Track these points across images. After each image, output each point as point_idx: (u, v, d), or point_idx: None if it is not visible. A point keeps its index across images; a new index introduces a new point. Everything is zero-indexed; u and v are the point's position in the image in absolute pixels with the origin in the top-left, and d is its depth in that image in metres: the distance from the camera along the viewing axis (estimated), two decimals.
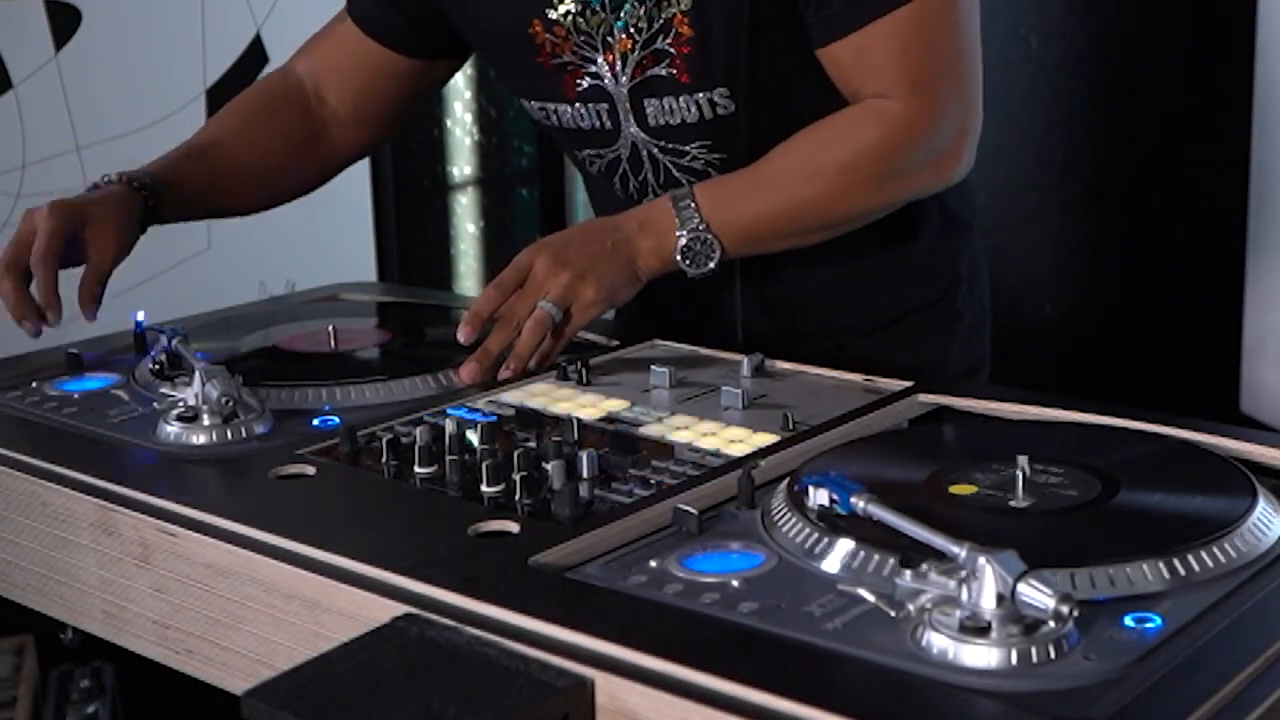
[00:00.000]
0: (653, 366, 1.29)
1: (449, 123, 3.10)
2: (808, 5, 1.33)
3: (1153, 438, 1.11)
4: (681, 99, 1.40)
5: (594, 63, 1.41)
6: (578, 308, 1.32)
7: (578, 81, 1.43)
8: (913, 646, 0.79)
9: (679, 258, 1.35)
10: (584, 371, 1.28)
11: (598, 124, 1.45)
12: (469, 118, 3.13)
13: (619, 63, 1.40)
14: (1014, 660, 0.76)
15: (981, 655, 0.76)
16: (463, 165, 3.14)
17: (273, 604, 0.94)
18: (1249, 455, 1.08)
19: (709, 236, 1.35)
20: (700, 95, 1.39)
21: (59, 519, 1.09)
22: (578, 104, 1.44)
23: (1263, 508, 0.93)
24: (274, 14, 2.63)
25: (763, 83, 1.38)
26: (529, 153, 3.24)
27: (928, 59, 1.34)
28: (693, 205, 1.35)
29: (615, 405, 1.22)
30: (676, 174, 1.45)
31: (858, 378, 1.30)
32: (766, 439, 1.13)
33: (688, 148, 1.43)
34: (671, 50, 1.37)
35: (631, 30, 1.38)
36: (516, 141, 3.23)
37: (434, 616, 0.85)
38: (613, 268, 1.34)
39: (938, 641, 0.78)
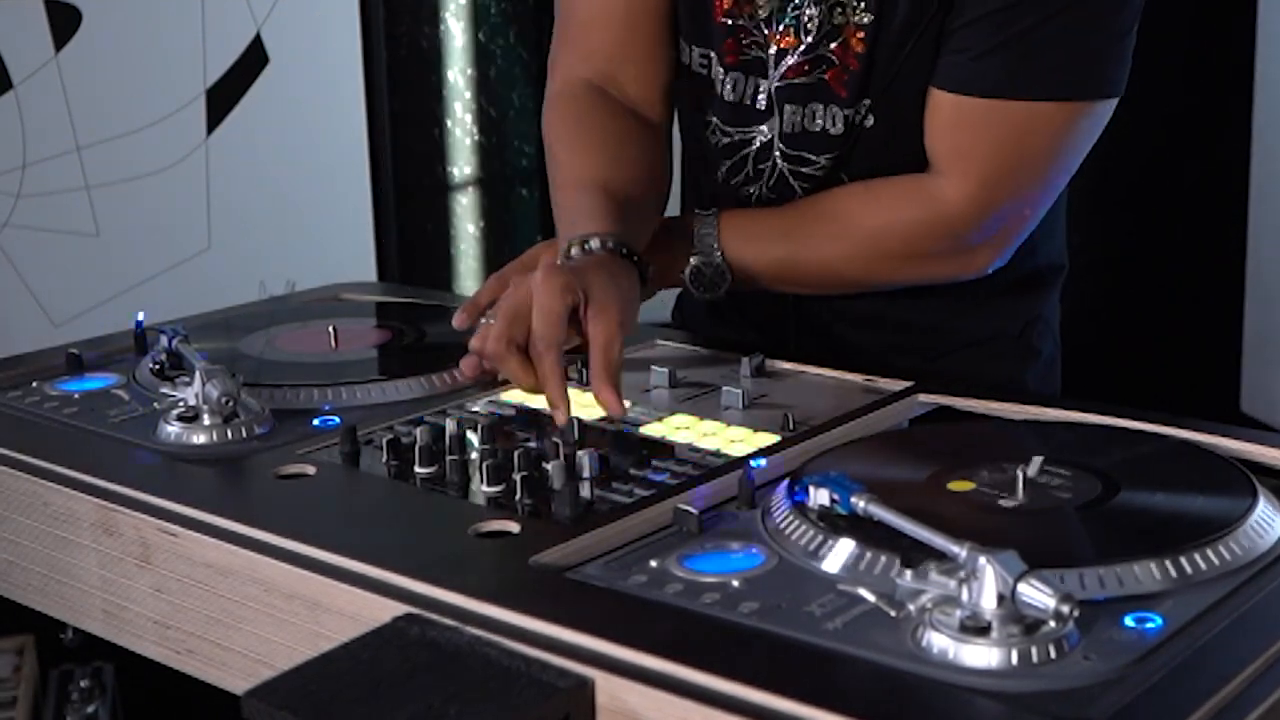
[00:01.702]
0: (653, 366, 1.29)
1: (449, 123, 3.10)
2: (949, 41, 1.28)
3: (1153, 438, 1.11)
4: (830, 109, 1.35)
5: (762, 36, 1.36)
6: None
7: (743, 48, 1.38)
8: (913, 646, 0.79)
9: (687, 280, 1.35)
10: (584, 371, 1.28)
11: (744, 98, 1.40)
12: (469, 118, 3.14)
13: (772, 56, 1.36)
14: (1014, 660, 0.76)
15: (982, 655, 0.76)
16: (463, 165, 3.14)
17: (273, 604, 0.94)
18: (1249, 455, 1.08)
19: (722, 267, 1.34)
20: (850, 110, 1.35)
21: (59, 519, 1.09)
22: (734, 72, 1.39)
23: (1263, 508, 0.93)
24: (274, 14, 2.63)
25: (902, 102, 1.33)
26: (529, 153, 3.24)
27: (1013, 162, 1.29)
28: (714, 233, 1.34)
29: None
30: (792, 181, 1.41)
31: (858, 378, 1.29)
32: (766, 439, 1.13)
33: (818, 158, 1.39)
34: (835, 60, 1.33)
35: (801, 28, 1.34)
36: (516, 141, 3.23)
37: (434, 616, 0.85)
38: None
39: (938, 641, 0.78)
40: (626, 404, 1.22)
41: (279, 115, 2.66)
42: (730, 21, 1.38)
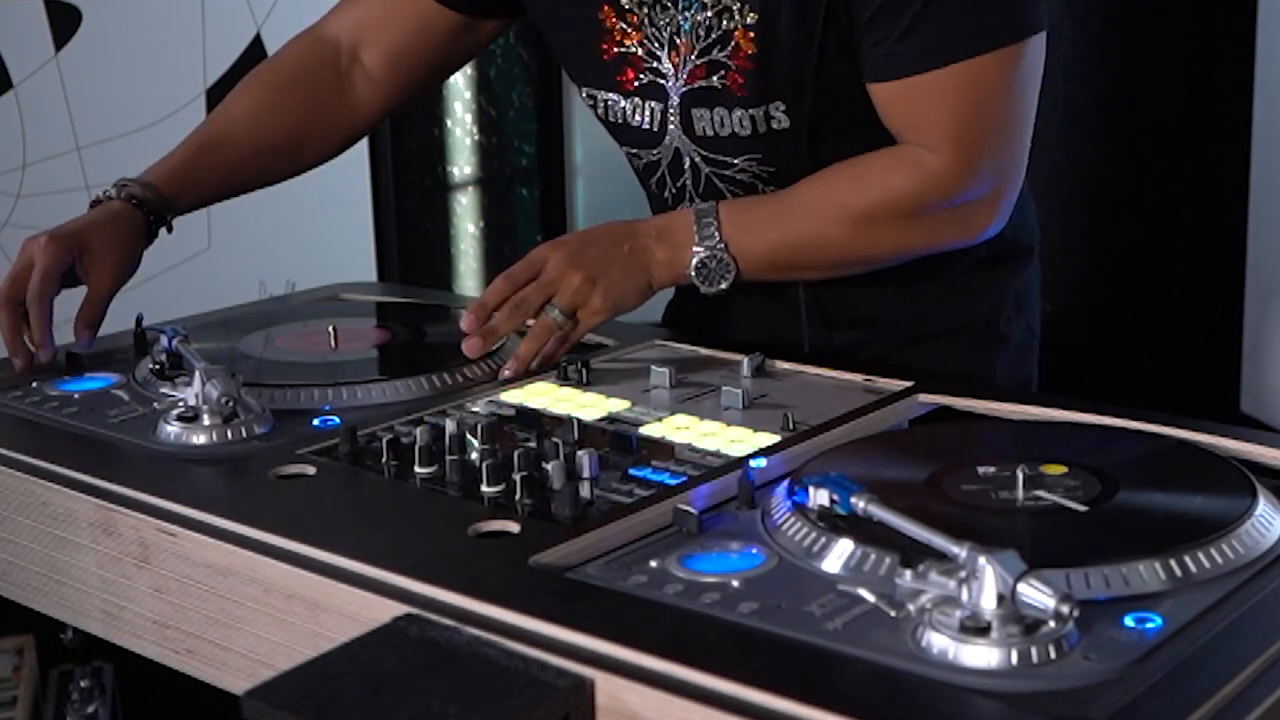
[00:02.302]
0: (653, 366, 1.29)
1: (449, 123, 3.10)
2: (866, 36, 1.30)
3: (1153, 438, 1.11)
4: (735, 112, 1.37)
5: (659, 59, 1.38)
6: (585, 314, 1.31)
7: (638, 75, 1.40)
8: (913, 646, 0.79)
9: (693, 274, 1.35)
10: (584, 371, 1.28)
11: (645, 122, 1.42)
12: (469, 118, 3.13)
13: (680, 65, 1.37)
14: (1014, 660, 0.76)
15: (982, 655, 0.76)
16: (463, 165, 3.14)
17: (273, 604, 0.94)
18: (1249, 455, 1.08)
19: (726, 257, 1.34)
20: (755, 110, 1.36)
21: (59, 519, 1.09)
22: (633, 98, 1.42)
23: (1263, 508, 0.93)
24: (274, 14, 2.63)
25: (823, 100, 1.35)
26: (529, 153, 3.24)
27: (975, 119, 1.31)
28: (715, 223, 1.34)
29: (615, 405, 1.22)
30: (718, 184, 1.43)
31: (858, 378, 1.29)
32: (766, 439, 1.13)
33: (735, 160, 1.40)
34: (729, 63, 1.35)
35: (691, 36, 1.36)
36: (516, 141, 3.23)
37: (434, 616, 0.85)
38: (625, 275, 1.33)
39: (938, 641, 0.78)
40: (626, 403, 1.22)
41: None
42: (624, 51, 1.40)
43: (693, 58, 1.36)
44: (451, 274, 3.19)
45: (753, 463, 1.06)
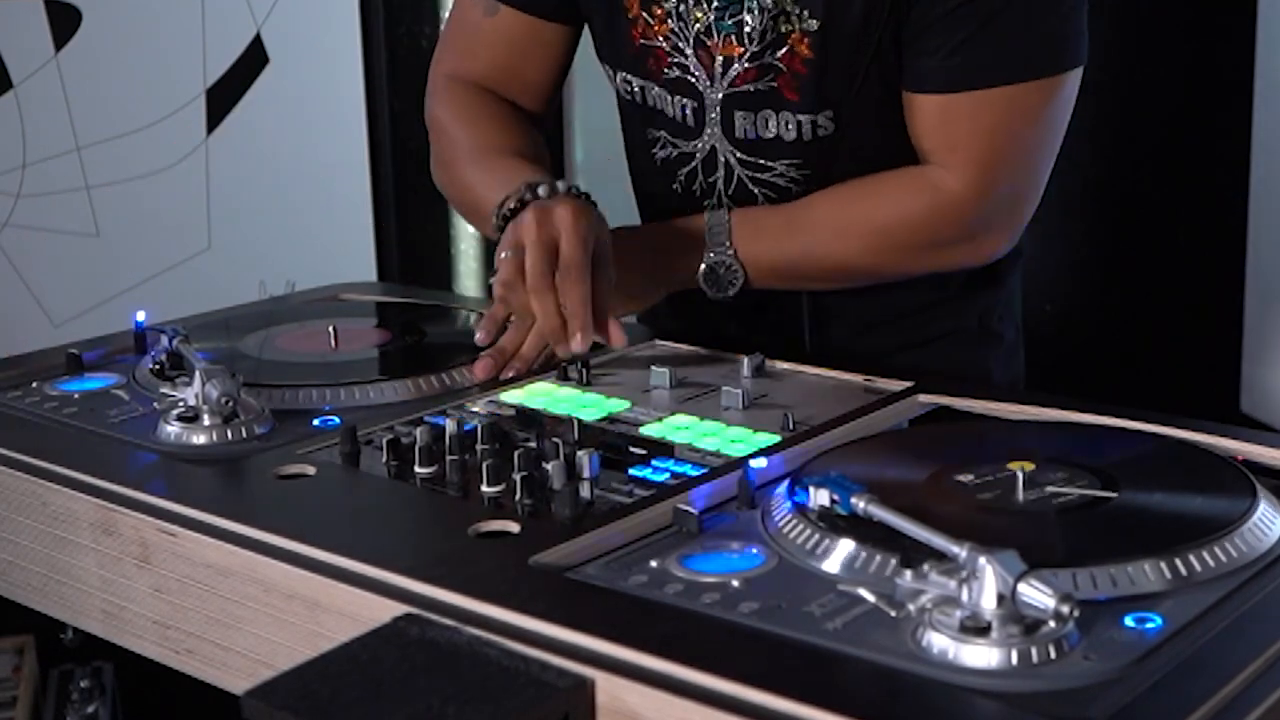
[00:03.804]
0: (653, 366, 1.29)
1: None
2: (916, 45, 1.30)
3: (1153, 438, 1.11)
4: (782, 115, 1.36)
5: (683, 55, 1.37)
6: None
7: (665, 69, 1.40)
8: (913, 646, 0.79)
9: (701, 280, 1.35)
10: (584, 371, 1.28)
11: (680, 116, 1.42)
12: None
13: (718, 66, 1.37)
14: (1014, 660, 0.76)
15: (982, 655, 0.76)
16: None
17: (273, 604, 0.94)
18: (1249, 455, 1.08)
19: (735, 265, 1.35)
20: (804, 116, 1.36)
21: (59, 519, 1.09)
22: (666, 89, 1.41)
23: (1263, 508, 0.93)
24: (274, 14, 2.63)
25: (870, 108, 1.35)
26: None
27: (1006, 144, 1.32)
28: (726, 231, 1.34)
29: (615, 405, 1.22)
30: (750, 186, 1.42)
31: (858, 378, 1.29)
32: (766, 439, 1.13)
33: (774, 164, 1.40)
34: (783, 67, 1.34)
35: (743, 37, 1.34)
36: None
37: (434, 616, 0.85)
38: (635, 277, 1.33)
39: (938, 641, 0.78)
40: (626, 403, 1.22)
41: (279, 115, 2.65)
42: (648, 43, 1.40)
43: (743, 60, 1.35)
44: (451, 274, 3.18)
45: (753, 463, 1.06)
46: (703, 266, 1.35)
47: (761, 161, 1.40)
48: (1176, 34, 3.02)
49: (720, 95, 1.38)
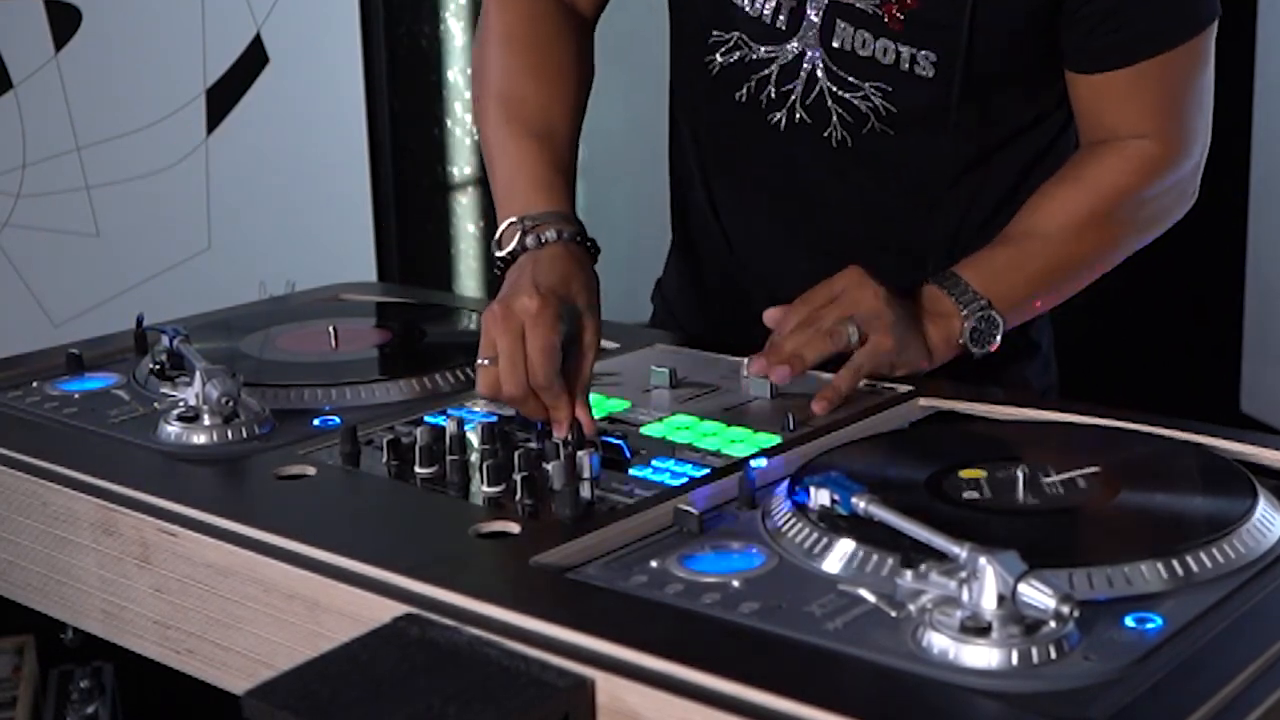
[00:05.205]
0: (653, 366, 1.29)
1: (449, 123, 3.10)
2: (1082, 28, 1.30)
3: (1153, 438, 1.11)
4: (882, 40, 1.34)
5: None
6: (873, 339, 1.25)
7: None
8: (913, 646, 0.79)
9: (969, 341, 1.32)
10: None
11: (771, 17, 1.37)
12: (469, 118, 3.13)
13: None
14: (1014, 660, 0.76)
15: (982, 655, 0.76)
16: (463, 165, 3.14)
17: (273, 604, 0.94)
18: (1249, 455, 1.08)
19: (993, 314, 1.32)
20: (904, 48, 1.33)
21: (59, 519, 1.09)
22: None
23: (1263, 508, 0.93)
24: (274, 14, 2.63)
25: (973, 65, 1.33)
26: None
27: (1192, 100, 1.35)
28: (967, 286, 1.32)
29: (615, 405, 1.22)
30: (829, 102, 1.38)
31: None
32: (767, 439, 1.13)
33: (864, 84, 1.36)
34: None
35: None
36: None
37: (434, 616, 0.85)
38: (912, 336, 1.29)
39: (938, 641, 0.78)
40: (626, 403, 1.22)
41: (279, 115, 2.66)
42: None
43: None
44: (451, 274, 3.18)
45: (753, 463, 1.06)
46: (967, 328, 1.31)
47: (851, 79, 1.36)
48: None
49: (826, 1, 1.35)
